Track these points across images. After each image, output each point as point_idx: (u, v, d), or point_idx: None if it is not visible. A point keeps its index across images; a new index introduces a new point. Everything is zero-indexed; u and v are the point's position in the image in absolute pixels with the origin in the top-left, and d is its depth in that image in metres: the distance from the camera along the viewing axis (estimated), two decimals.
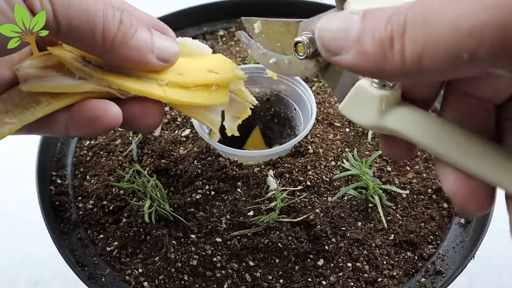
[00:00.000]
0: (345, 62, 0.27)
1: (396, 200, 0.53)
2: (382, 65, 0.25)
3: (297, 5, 0.76)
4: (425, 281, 0.48)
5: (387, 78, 0.26)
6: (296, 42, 0.34)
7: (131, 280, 0.48)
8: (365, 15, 0.26)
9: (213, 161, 0.54)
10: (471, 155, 0.27)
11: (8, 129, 0.35)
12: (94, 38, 0.33)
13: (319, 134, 0.57)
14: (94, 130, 0.36)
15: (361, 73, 0.27)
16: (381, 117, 0.30)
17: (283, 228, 0.49)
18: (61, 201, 0.55)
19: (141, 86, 0.37)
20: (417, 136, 0.29)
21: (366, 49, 0.25)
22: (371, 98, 0.30)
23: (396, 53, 0.24)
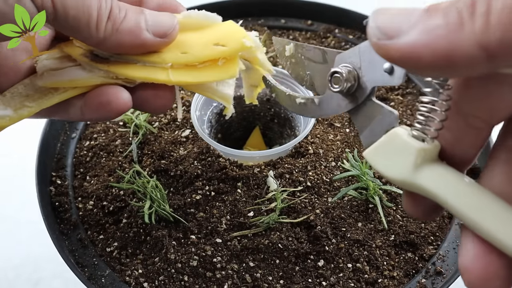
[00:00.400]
0: (403, 45, 0.21)
1: (396, 201, 0.53)
2: (455, 38, 0.20)
3: (296, 5, 0.76)
4: (425, 282, 0.48)
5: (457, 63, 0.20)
6: (333, 73, 0.31)
7: (131, 281, 0.48)
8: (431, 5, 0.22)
9: (213, 162, 0.54)
10: (504, 226, 0.24)
11: (28, 111, 0.38)
12: (89, 29, 0.34)
13: (319, 134, 0.57)
14: (106, 114, 0.38)
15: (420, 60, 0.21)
16: (414, 173, 0.27)
17: (283, 229, 0.49)
18: (61, 202, 0.55)
19: (145, 73, 0.38)
20: (449, 199, 0.26)
21: (436, 23, 0.20)
22: (407, 149, 0.27)
23: (479, 16, 0.19)
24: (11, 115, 0.37)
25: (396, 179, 0.28)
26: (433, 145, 0.28)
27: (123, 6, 0.36)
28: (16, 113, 0.38)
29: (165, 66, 0.38)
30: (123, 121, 0.61)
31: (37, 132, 0.60)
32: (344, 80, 0.31)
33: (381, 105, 0.30)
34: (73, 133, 0.63)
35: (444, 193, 0.26)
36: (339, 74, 0.31)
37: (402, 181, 0.27)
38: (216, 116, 0.60)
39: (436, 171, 0.27)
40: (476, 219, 0.25)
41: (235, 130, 0.64)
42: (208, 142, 0.51)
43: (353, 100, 0.31)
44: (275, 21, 0.77)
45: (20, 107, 0.38)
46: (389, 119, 0.29)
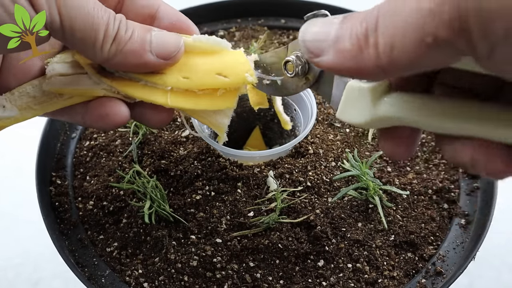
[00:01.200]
0: (325, 63, 0.28)
1: (396, 201, 0.53)
2: (359, 61, 0.26)
3: (296, 5, 0.75)
4: (425, 282, 0.48)
5: (365, 75, 0.27)
6: (285, 62, 0.36)
7: (131, 281, 0.48)
8: (345, 18, 0.27)
9: (213, 162, 0.54)
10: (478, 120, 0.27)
11: (32, 114, 0.40)
12: (94, 49, 0.36)
13: (319, 134, 0.57)
14: (104, 125, 0.41)
15: (340, 72, 0.28)
16: (375, 109, 0.30)
17: (283, 229, 0.49)
18: (61, 202, 0.55)
19: (145, 94, 0.39)
20: (414, 115, 0.29)
21: (343, 47, 0.26)
22: (362, 93, 0.31)
23: (371, 46, 0.25)
24: (16, 116, 0.39)
25: (366, 122, 0.31)
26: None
27: (130, 26, 0.37)
28: (21, 114, 0.39)
29: (165, 89, 0.39)
30: None
31: (37, 132, 0.60)
32: (295, 66, 0.36)
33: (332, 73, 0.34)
34: (73, 133, 0.63)
35: (406, 112, 0.29)
36: (290, 61, 0.36)
37: (370, 121, 0.31)
38: None
39: (393, 98, 0.30)
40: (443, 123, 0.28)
41: (235, 130, 0.64)
42: (208, 142, 0.51)
43: (307, 81, 0.36)
44: (275, 21, 0.77)
45: (25, 108, 0.39)
46: (342, 80, 0.34)
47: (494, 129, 0.27)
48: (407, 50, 0.23)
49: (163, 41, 0.38)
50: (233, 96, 0.41)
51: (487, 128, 0.27)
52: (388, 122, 0.31)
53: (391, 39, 0.24)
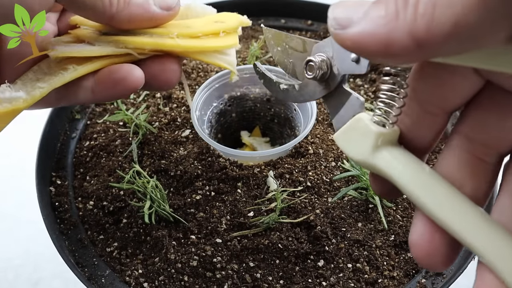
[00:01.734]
0: (353, 34, 0.24)
1: (396, 201, 0.53)
2: (391, 27, 0.22)
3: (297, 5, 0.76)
4: (425, 282, 0.48)
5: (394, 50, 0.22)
6: (308, 61, 0.34)
7: (131, 281, 0.48)
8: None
9: (213, 162, 0.54)
10: (455, 213, 0.26)
11: (40, 92, 0.39)
12: (103, 4, 0.37)
13: (319, 134, 0.57)
14: (121, 91, 0.40)
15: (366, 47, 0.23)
16: (373, 155, 0.29)
17: (283, 229, 0.49)
18: (61, 202, 0.55)
19: (154, 40, 0.41)
20: (400, 180, 0.28)
21: (378, 13, 0.23)
22: (368, 132, 0.29)
23: (410, 7, 0.21)
24: (24, 97, 0.39)
25: (358, 160, 0.30)
26: (392, 130, 0.30)
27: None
28: (29, 95, 0.39)
29: (171, 36, 0.41)
30: (123, 121, 0.61)
31: (37, 132, 0.60)
32: (317, 68, 0.33)
33: (350, 91, 0.33)
34: (73, 133, 0.63)
35: (396, 174, 0.28)
36: (313, 62, 0.34)
37: (362, 161, 0.30)
38: (216, 116, 0.60)
39: (392, 153, 0.29)
40: (424, 200, 0.27)
41: (235, 130, 0.64)
42: (208, 142, 0.51)
43: (327, 87, 0.34)
44: (275, 21, 0.77)
45: (32, 89, 0.39)
46: (356, 105, 0.32)
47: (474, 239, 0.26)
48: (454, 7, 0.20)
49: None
50: (234, 35, 0.45)
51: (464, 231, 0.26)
52: (378, 172, 0.29)
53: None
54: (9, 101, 0.38)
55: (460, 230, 0.26)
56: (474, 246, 0.26)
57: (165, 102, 0.63)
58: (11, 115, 0.39)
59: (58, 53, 0.40)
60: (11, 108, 0.38)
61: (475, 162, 0.28)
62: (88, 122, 0.64)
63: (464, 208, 0.26)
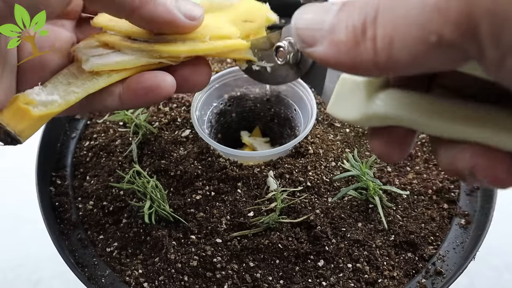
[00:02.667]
0: (318, 54, 0.25)
1: (396, 201, 0.53)
2: (354, 55, 0.23)
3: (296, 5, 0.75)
4: (425, 282, 0.48)
5: (360, 72, 0.24)
6: (276, 47, 0.34)
7: (131, 281, 0.48)
8: (343, 5, 0.25)
9: (213, 162, 0.54)
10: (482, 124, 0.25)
11: (75, 97, 0.38)
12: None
13: (319, 134, 0.57)
14: (151, 99, 0.39)
15: (334, 66, 0.25)
16: (369, 105, 0.28)
17: (283, 229, 0.49)
18: (61, 202, 0.55)
19: (188, 46, 0.39)
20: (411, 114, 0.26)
21: (339, 38, 0.24)
22: (356, 86, 0.29)
23: (368, 40, 0.23)
24: (59, 101, 0.37)
25: (357, 118, 0.29)
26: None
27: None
28: (64, 99, 0.38)
29: (204, 40, 0.39)
30: (123, 121, 0.61)
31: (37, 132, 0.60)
32: (287, 53, 0.34)
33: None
34: (73, 133, 0.63)
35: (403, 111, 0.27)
36: (282, 47, 0.34)
37: (361, 116, 0.29)
38: (216, 116, 0.60)
39: (389, 94, 0.28)
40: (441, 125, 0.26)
41: (235, 130, 0.64)
42: (208, 142, 0.51)
43: (299, 71, 0.34)
44: None
45: (66, 94, 0.38)
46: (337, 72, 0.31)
47: (498, 135, 0.24)
48: (408, 47, 0.21)
49: (189, 5, 0.38)
50: (262, 32, 0.43)
51: (492, 133, 0.25)
52: (382, 121, 0.28)
53: (391, 33, 0.22)
54: (45, 104, 0.37)
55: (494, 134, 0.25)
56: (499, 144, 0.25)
57: (165, 102, 0.63)
58: (45, 119, 0.37)
59: (93, 67, 0.38)
60: (46, 112, 0.37)
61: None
62: (88, 122, 0.64)
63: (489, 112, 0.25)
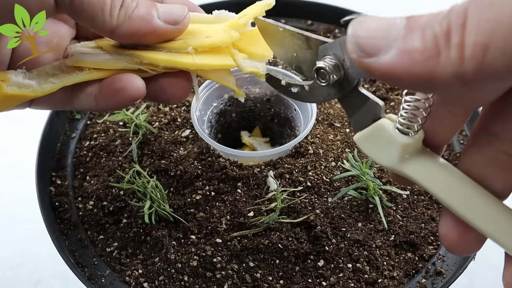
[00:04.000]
0: (383, 65, 0.22)
1: (396, 201, 0.53)
2: (432, 66, 0.20)
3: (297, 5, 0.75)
4: (425, 282, 0.48)
5: (436, 86, 0.21)
6: (318, 68, 0.32)
7: (131, 281, 0.48)
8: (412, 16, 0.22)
9: (213, 162, 0.54)
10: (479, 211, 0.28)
11: (50, 87, 0.39)
12: (103, 16, 0.35)
13: (319, 134, 0.57)
14: (120, 101, 0.40)
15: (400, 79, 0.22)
16: (400, 163, 0.30)
17: (283, 229, 0.49)
18: (61, 202, 0.55)
19: (169, 57, 0.39)
20: (432, 188, 0.29)
21: (413, 46, 0.21)
22: (393, 143, 0.29)
23: (454, 47, 0.19)
24: (34, 87, 0.38)
25: (385, 166, 0.31)
26: (417, 136, 0.29)
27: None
28: (40, 86, 0.39)
29: (189, 51, 0.39)
30: (123, 121, 0.61)
31: (37, 132, 0.60)
32: (329, 74, 0.32)
33: (367, 95, 0.32)
34: (73, 133, 0.63)
35: (426, 183, 0.29)
36: (324, 69, 0.32)
37: (390, 168, 0.30)
38: (216, 116, 0.60)
39: (420, 163, 0.29)
40: (453, 204, 0.29)
41: (235, 130, 0.64)
42: (208, 142, 0.51)
43: (341, 90, 0.33)
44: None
45: (44, 82, 0.39)
46: (375, 109, 0.31)
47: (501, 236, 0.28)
48: (508, 48, 0.18)
49: (169, 7, 0.38)
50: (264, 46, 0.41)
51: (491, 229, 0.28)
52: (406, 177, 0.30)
53: (486, 37, 0.19)
54: (19, 85, 0.38)
55: (488, 230, 0.28)
56: (504, 245, 0.28)
57: None
58: (14, 100, 0.38)
59: (73, 62, 0.40)
60: (16, 93, 0.38)
61: (504, 159, 0.28)
62: (88, 122, 0.64)
63: (494, 210, 0.28)
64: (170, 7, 0.38)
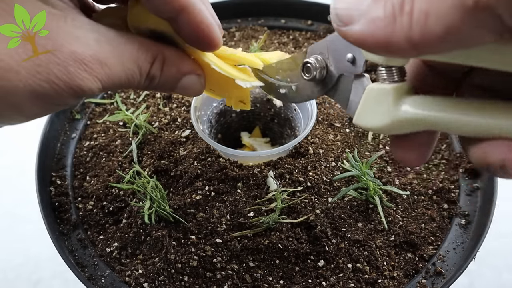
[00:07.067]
0: (353, 32, 0.26)
1: (396, 201, 0.53)
2: (389, 32, 0.24)
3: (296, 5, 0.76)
4: (425, 282, 0.48)
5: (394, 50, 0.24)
6: (304, 63, 0.35)
7: (131, 281, 0.48)
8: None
9: (213, 162, 0.54)
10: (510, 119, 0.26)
11: None
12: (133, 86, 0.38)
13: (319, 134, 0.57)
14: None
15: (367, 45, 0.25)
16: (396, 110, 0.29)
17: (283, 229, 0.49)
18: (61, 202, 0.55)
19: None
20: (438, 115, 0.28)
21: (376, 14, 0.24)
22: (383, 94, 0.30)
23: (405, 14, 0.23)
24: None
25: (385, 125, 0.30)
26: (403, 82, 0.30)
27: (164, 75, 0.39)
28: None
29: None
30: (123, 121, 0.61)
31: (37, 132, 0.60)
32: (313, 69, 0.35)
33: (351, 76, 0.33)
34: (73, 133, 0.63)
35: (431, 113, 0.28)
36: (310, 64, 0.35)
37: (389, 123, 0.29)
38: (216, 116, 0.60)
39: (416, 99, 0.29)
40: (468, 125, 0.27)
41: (235, 130, 0.64)
42: (208, 142, 0.51)
43: (324, 87, 0.35)
44: (275, 21, 0.77)
45: None
46: (363, 82, 0.32)
47: None
48: (443, 17, 0.22)
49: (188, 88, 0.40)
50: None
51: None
52: (409, 126, 0.29)
53: (428, 4, 0.22)
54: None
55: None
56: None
57: (165, 102, 0.63)
58: None
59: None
60: None
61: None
62: (88, 122, 0.64)
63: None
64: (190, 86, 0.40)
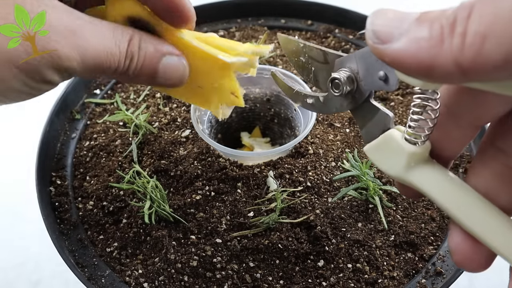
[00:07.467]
0: (393, 50, 0.24)
1: (396, 201, 0.53)
2: (435, 53, 0.22)
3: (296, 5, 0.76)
4: (425, 282, 0.48)
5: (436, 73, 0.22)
6: (332, 79, 0.34)
7: (131, 281, 0.48)
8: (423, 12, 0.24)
9: (213, 162, 0.54)
10: (486, 225, 0.28)
11: None
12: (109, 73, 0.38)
13: (319, 134, 0.57)
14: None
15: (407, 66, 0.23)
16: (407, 172, 0.30)
17: (283, 229, 0.49)
18: (61, 202, 0.55)
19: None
20: (438, 198, 0.29)
21: (420, 34, 0.22)
22: (401, 152, 0.30)
23: (456, 35, 0.21)
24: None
25: (391, 175, 0.31)
26: (424, 146, 0.30)
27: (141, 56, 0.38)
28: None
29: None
30: (123, 121, 0.61)
31: (37, 132, 0.60)
32: (343, 85, 0.33)
33: (378, 107, 0.33)
34: (73, 133, 0.63)
35: (432, 193, 0.30)
36: (338, 80, 0.33)
37: (395, 177, 0.31)
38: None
39: (425, 172, 0.30)
40: (459, 216, 0.29)
41: (235, 130, 0.64)
42: (208, 142, 0.51)
43: (353, 101, 0.34)
44: (275, 21, 0.77)
45: None
46: (385, 120, 0.32)
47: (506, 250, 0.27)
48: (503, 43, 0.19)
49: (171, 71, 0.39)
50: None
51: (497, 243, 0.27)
52: (412, 186, 0.31)
53: (486, 27, 0.20)
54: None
55: (495, 244, 0.28)
56: (507, 258, 0.27)
57: (165, 102, 0.63)
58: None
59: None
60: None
61: (511, 174, 0.29)
62: (88, 122, 0.64)
63: (499, 224, 0.28)
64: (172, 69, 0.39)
